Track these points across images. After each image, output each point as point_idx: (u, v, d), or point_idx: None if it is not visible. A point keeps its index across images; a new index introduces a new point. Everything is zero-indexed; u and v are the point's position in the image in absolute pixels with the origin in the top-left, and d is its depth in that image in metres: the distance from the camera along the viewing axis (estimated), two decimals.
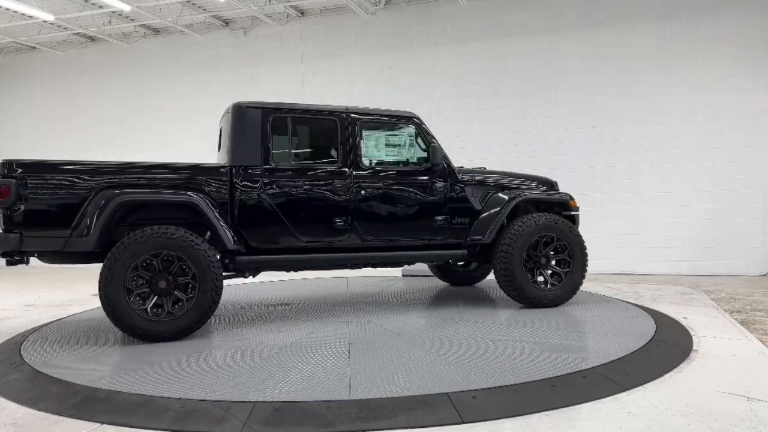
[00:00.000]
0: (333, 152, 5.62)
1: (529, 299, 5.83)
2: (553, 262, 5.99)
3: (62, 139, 13.63)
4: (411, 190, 5.72)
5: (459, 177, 5.93)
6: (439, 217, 5.78)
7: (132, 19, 12.02)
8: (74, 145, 13.40)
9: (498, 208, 5.92)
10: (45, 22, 11.75)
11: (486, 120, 10.88)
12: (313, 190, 5.41)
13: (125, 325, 4.69)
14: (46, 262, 5.07)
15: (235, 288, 7.70)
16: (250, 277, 5.71)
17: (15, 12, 10.93)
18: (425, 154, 5.81)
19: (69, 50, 13.68)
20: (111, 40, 12.87)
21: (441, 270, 7.70)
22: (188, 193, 4.99)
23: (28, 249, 4.75)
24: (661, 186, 9.95)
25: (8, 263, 4.91)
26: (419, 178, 5.77)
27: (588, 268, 6.10)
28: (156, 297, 4.77)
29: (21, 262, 4.95)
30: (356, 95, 11.36)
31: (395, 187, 5.67)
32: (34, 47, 13.55)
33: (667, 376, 3.84)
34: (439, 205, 5.79)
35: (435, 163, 5.73)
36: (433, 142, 5.80)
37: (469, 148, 10.41)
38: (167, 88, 12.99)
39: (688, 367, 4.04)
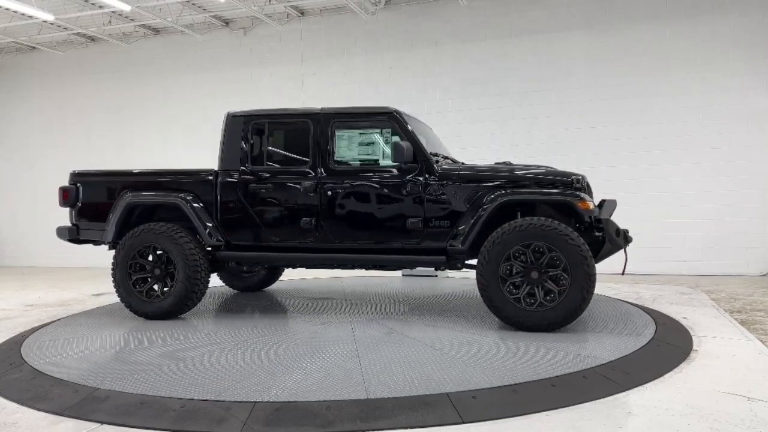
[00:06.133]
0: (306, 154, 5.68)
1: (509, 320, 4.93)
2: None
3: (62, 139, 13.63)
4: (378, 190, 5.41)
5: (439, 175, 5.32)
6: (411, 220, 5.31)
7: (132, 19, 12.01)
8: (74, 144, 13.43)
9: (477, 211, 5.14)
10: (45, 22, 11.74)
11: (486, 120, 10.87)
12: (282, 192, 5.64)
13: (125, 302, 5.73)
14: None
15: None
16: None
17: (15, 12, 10.91)
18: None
19: (69, 50, 13.67)
20: (111, 40, 12.86)
21: None
22: (172, 194, 5.74)
23: (83, 238, 6.08)
24: (661, 186, 9.95)
25: (110, 248, 5.98)
26: (388, 177, 5.41)
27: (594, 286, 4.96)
28: (152, 282, 5.70)
29: (114, 247, 5.95)
30: (356, 95, 11.37)
31: (362, 187, 5.47)
32: (34, 47, 13.54)
33: (667, 376, 3.84)
34: (411, 207, 5.33)
35: (401, 161, 5.22)
36: (403, 138, 5.31)
37: (469, 148, 10.38)
38: (167, 88, 12.97)
39: (688, 367, 4.03)
